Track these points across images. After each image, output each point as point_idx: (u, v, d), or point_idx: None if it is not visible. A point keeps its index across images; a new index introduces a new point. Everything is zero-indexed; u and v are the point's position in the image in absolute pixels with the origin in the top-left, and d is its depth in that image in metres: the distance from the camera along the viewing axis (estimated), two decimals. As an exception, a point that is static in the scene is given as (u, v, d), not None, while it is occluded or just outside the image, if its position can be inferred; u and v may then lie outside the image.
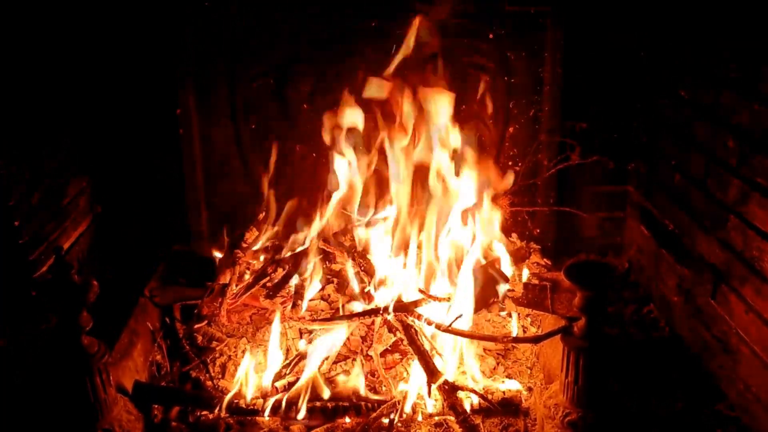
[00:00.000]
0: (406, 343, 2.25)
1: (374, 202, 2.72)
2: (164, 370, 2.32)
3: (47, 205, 2.40)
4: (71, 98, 2.61)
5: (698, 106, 2.29)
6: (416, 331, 2.25)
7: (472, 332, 2.25)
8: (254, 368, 2.22)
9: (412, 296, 2.36)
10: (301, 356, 2.25)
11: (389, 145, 2.56)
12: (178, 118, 2.74)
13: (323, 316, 2.43)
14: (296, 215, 2.73)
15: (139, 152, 2.81)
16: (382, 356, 2.27)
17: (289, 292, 2.54)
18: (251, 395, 2.10)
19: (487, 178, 2.56)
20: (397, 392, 2.13)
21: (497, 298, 2.46)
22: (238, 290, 2.53)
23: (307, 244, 2.62)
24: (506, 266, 2.59)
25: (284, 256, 2.65)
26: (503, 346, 2.39)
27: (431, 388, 2.09)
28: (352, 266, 2.56)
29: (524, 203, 2.90)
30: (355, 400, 2.08)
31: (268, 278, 2.61)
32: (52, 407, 1.89)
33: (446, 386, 2.08)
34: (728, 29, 2.09)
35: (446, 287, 2.45)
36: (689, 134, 2.35)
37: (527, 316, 2.55)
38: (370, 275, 2.49)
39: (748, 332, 2.03)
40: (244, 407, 2.07)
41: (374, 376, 2.22)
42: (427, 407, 2.10)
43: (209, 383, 2.23)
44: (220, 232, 2.85)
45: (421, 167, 2.58)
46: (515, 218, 2.91)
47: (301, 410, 2.03)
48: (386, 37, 2.65)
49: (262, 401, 2.07)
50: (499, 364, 2.33)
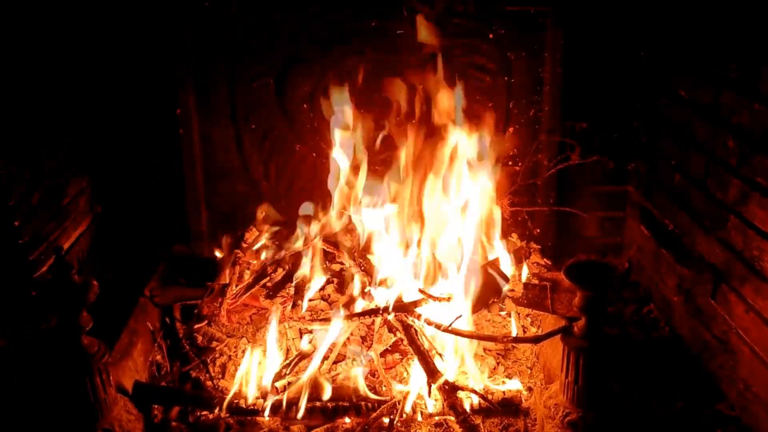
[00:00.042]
0: (406, 343, 2.25)
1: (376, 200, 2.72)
2: (164, 370, 2.32)
3: (47, 205, 2.40)
4: (71, 98, 2.62)
5: (698, 106, 2.29)
6: (416, 331, 2.25)
7: (472, 332, 2.24)
8: (254, 368, 2.22)
9: (412, 296, 2.36)
10: (301, 356, 2.26)
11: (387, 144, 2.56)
12: (178, 118, 2.74)
13: (323, 316, 2.43)
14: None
15: (139, 152, 2.81)
16: (382, 356, 2.28)
17: (289, 292, 2.54)
18: (251, 395, 2.10)
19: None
20: (397, 392, 2.13)
21: (497, 298, 2.46)
22: (238, 290, 2.54)
23: (307, 243, 2.62)
24: (506, 266, 2.59)
25: (284, 256, 2.65)
26: (503, 346, 2.39)
27: (431, 388, 2.09)
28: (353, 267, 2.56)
29: (524, 203, 2.91)
30: (355, 400, 2.09)
31: (268, 278, 2.61)
32: (52, 407, 1.89)
33: (446, 386, 2.08)
34: (728, 29, 2.09)
35: (446, 287, 2.45)
36: (689, 134, 2.35)
37: (527, 316, 2.55)
38: (370, 275, 2.49)
39: (748, 332, 2.03)
40: (244, 407, 2.07)
41: (374, 376, 2.23)
42: (427, 407, 2.10)
43: (209, 383, 2.23)
44: (220, 231, 2.85)
45: (421, 167, 2.58)
46: (515, 218, 2.92)
47: (300, 410, 2.03)
48: (386, 37, 2.66)
49: (262, 401, 2.07)
50: (499, 364, 2.33)
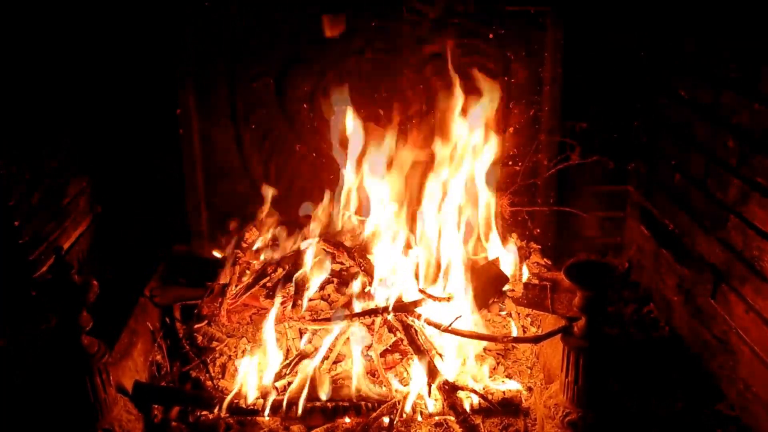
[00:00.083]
0: (406, 343, 2.25)
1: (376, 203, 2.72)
2: (164, 370, 2.32)
3: (47, 205, 2.40)
4: (71, 98, 2.62)
5: (698, 106, 2.29)
6: (416, 331, 2.25)
7: (472, 332, 2.24)
8: (254, 368, 2.22)
9: (412, 296, 2.36)
10: (301, 356, 2.25)
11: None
12: (178, 118, 2.74)
13: (323, 316, 2.43)
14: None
15: (139, 152, 2.81)
16: (382, 356, 2.28)
17: (289, 292, 2.54)
18: (251, 395, 2.10)
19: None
20: (397, 392, 2.13)
21: (498, 297, 2.46)
22: (238, 290, 2.53)
23: (307, 243, 2.62)
24: (506, 266, 2.59)
25: (284, 256, 2.65)
26: (503, 346, 2.39)
27: (431, 388, 2.09)
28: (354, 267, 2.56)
29: (524, 203, 2.91)
30: (355, 400, 2.09)
31: (268, 278, 2.60)
32: (52, 407, 1.89)
33: (446, 386, 2.08)
34: (728, 29, 2.09)
35: (446, 287, 2.45)
36: (689, 134, 2.35)
37: (527, 316, 2.55)
38: (370, 275, 2.49)
39: (748, 332, 2.03)
40: (244, 407, 2.07)
41: (374, 376, 2.22)
42: (427, 407, 2.10)
43: (209, 383, 2.23)
44: (220, 231, 2.85)
45: (420, 166, 2.59)
46: (515, 218, 2.92)
47: (299, 409, 2.03)
48: (386, 37, 2.66)
49: (262, 401, 2.07)
50: (499, 364, 2.33)
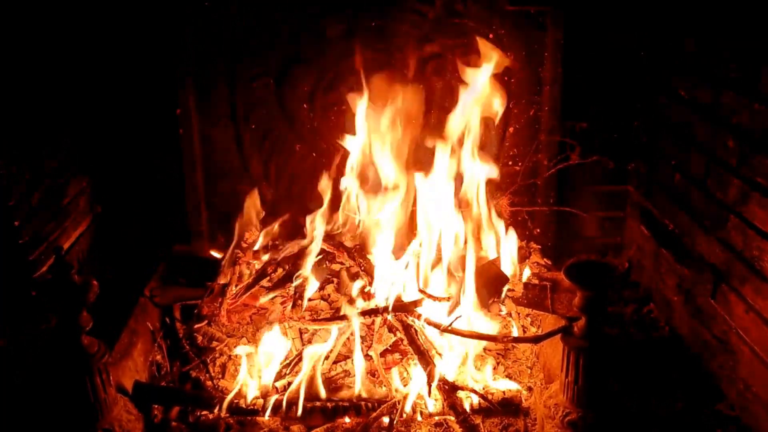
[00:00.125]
0: (406, 343, 2.25)
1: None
2: (164, 370, 2.32)
3: (47, 205, 2.40)
4: (71, 98, 2.62)
5: (698, 106, 2.29)
6: (416, 331, 2.25)
7: (472, 332, 2.24)
8: (254, 368, 2.22)
9: (412, 296, 2.36)
10: (301, 356, 2.25)
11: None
12: (178, 118, 2.74)
13: (323, 316, 2.43)
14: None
15: (139, 152, 2.81)
16: (382, 356, 2.28)
17: (289, 292, 2.54)
18: (251, 395, 2.10)
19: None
20: (397, 392, 2.13)
21: (498, 297, 2.45)
22: (238, 290, 2.53)
23: (307, 243, 2.62)
24: (506, 266, 2.58)
25: (284, 255, 2.65)
26: (503, 346, 2.39)
27: (431, 388, 2.09)
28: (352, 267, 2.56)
29: (524, 203, 2.90)
30: (355, 400, 2.09)
31: (268, 278, 2.60)
32: (52, 407, 1.89)
33: (446, 386, 2.08)
34: (728, 29, 2.09)
35: (446, 287, 2.45)
36: (689, 134, 2.35)
37: (527, 316, 2.55)
38: (370, 275, 2.49)
39: (748, 332, 2.03)
40: (244, 407, 2.07)
41: (374, 376, 2.22)
42: (427, 407, 2.10)
43: (209, 383, 2.24)
44: (221, 231, 2.85)
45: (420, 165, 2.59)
46: (515, 218, 2.92)
47: (299, 409, 2.03)
48: (386, 37, 2.66)
49: (262, 401, 2.07)
50: (499, 364, 2.33)
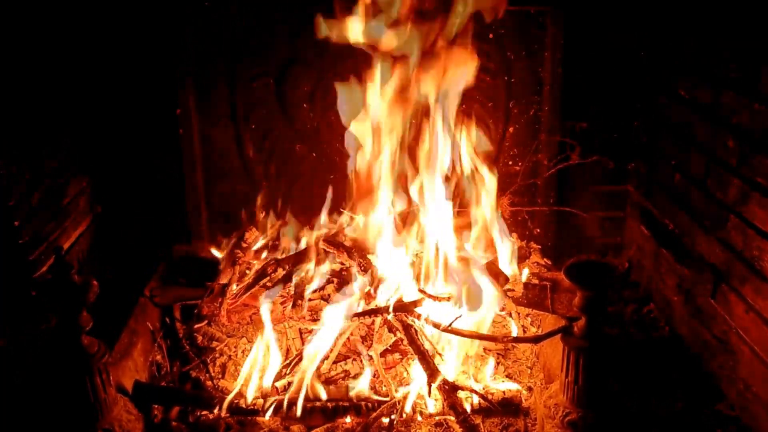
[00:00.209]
0: (406, 343, 2.25)
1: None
2: (164, 370, 2.32)
3: (47, 205, 2.40)
4: (71, 98, 2.61)
5: (698, 106, 2.29)
6: (416, 331, 2.25)
7: (472, 332, 2.24)
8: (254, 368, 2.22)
9: (412, 296, 2.36)
10: (300, 356, 2.25)
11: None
12: (178, 118, 2.74)
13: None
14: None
15: (139, 152, 2.81)
16: (382, 356, 2.27)
17: (289, 292, 2.54)
18: (251, 395, 2.10)
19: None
20: (397, 392, 2.13)
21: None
22: (238, 290, 2.53)
23: (307, 243, 2.62)
24: (506, 266, 2.58)
25: (284, 255, 2.65)
26: (503, 346, 2.39)
27: (431, 388, 2.09)
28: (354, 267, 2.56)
29: (524, 203, 2.91)
30: (355, 400, 2.09)
31: (268, 278, 2.60)
32: (52, 407, 1.89)
33: (446, 386, 2.08)
34: (728, 29, 2.09)
35: (446, 287, 2.45)
36: (689, 134, 2.35)
37: (527, 316, 2.55)
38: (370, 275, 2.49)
39: (748, 332, 2.03)
40: (244, 407, 2.07)
41: (374, 376, 2.22)
42: (427, 407, 2.10)
43: (209, 383, 2.23)
44: (220, 231, 2.85)
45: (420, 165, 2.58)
46: (515, 218, 2.92)
47: (299, 409, 2.03)
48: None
49: (262, 401, 2.07)
50: (499, 364, 2.33)
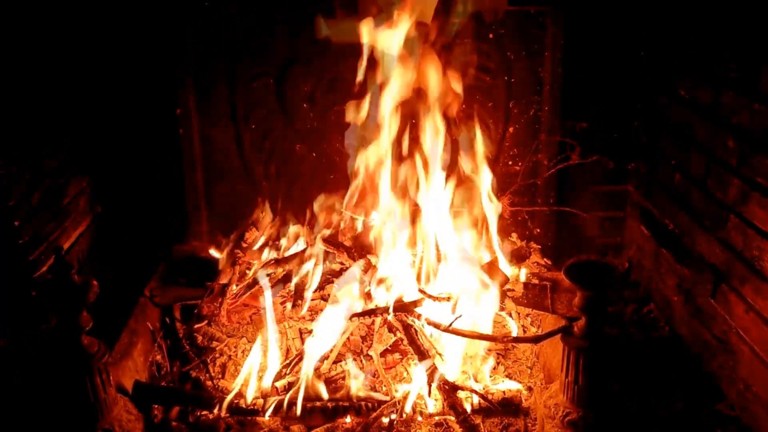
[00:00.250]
0: (406, 343, 2.25)
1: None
2: (164, 370, 2.32)
3: (47, 205, 2.40)
4: (71, 98, 2.61)
5: (698, 105, 2.29)
6: (416, 331, 2.25)
7: (472, 332, 2.24)
8: (255, 368, 2.22)
9: (412, 296, 2.36)
10: (300, 356, 2.25)
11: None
12: (178, 118, 2.74)
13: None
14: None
15: (139, 152, 2.81)
16: (382, 356, 2.28)
17: (289, 291, 2.54)
18: (251, 395, 2.10)
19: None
20: (397, 392, 2.13)
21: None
22: (238, 290, 2.54)
23: (307, 243, 2.62)
24: (506, 266, 2.59)
25: (284, 255, 2.65)
26: (503, 346, 2.39)
27: (431, 388, 2.09)
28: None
29: (524, 203, 2.91)
30: (355, 400, 2.09)
31: (267, 278, 2.60)
32: (52, 407, 1.89)
33: (446, 386, 2.08)
34: (728, 29, 2.09)
35: (447, 287, 2.45)
36: (689, 134, 2.35)
37: (527, 316, 2.56)
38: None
39: (748, 332, 2.03)
40: (244, 407, 2.07)
41: (374, 376, 2.22)
42: (427, 407, 2.10)
43: (209, 383, 2.23)
44: (220, 231, 2.85)
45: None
46: (515, 218, 2.92)
47: (299, 409, 2.03)
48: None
49: (262, 401, 2.07)
50: (499, 364, 2.33)
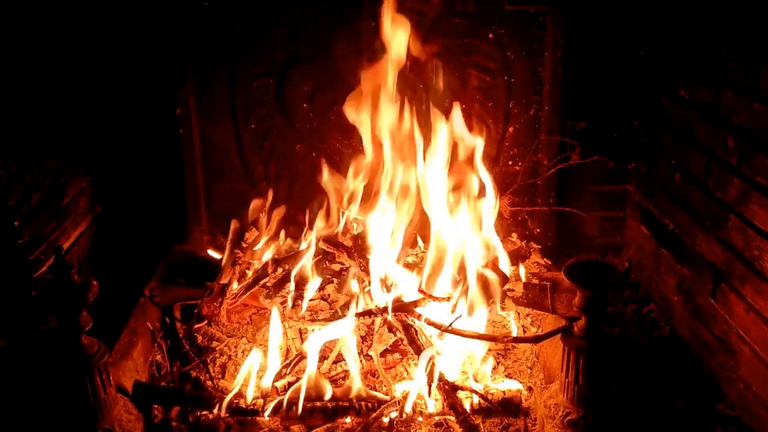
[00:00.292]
0: (406, 343, 2.25)
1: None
2: (164, 370, 2.32)
3: (47, 205, 2.40)
4: (72, 98, 2.62)
5: (698, 105, 2.29)
6: (416, 331, 2.25)
7: (472, 332, 2.24)
8: (255, 368, 2.21)
9: (412, 296, 2.36)
10: (301, 356, 2.25)
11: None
12: (178, 118, 2.74)
13: (323, 316, 2.43)
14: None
15: (139, 152, 2.81)
16: (382, 356, 2.27)
17: (289, 291, 2.54)
18: (251, 395, 2.10)
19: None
20: (397, 392, 2.13)
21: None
22: (238, 290, 2.53)
23: (307, 243, 2.62)
24: (505, 266, 2.58)
25: (284, 255, 2.65)
26: (503, 346, 2.39)
27: (431, 388, 2.09)
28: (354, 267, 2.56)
29: (524, 203, 2.91)
30: (355, 400, 2.09)
31: (268, 278, 2.60)
32: (52, 407, 1.89)
33: (446, 386, 2.08)
34: (728, 29, 2.09)
35: (447, 287, 2.45)
36: (689, 134, 2.35)
37: (527, 316, 2.55)
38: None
39: (748, 331, 2.03)
40: (244, 407, 2.07)
41: (374, 376, 2.22)
42: (427, 407, 2.10)
43: (209, 383, 2.23)
44: (221, 231, 2.85)
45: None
46: (515, 218, 2.92)
47: (299, 409, 2.03)
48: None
49: (262, 401, 2.07)
50: (499, 364, 2.33)
